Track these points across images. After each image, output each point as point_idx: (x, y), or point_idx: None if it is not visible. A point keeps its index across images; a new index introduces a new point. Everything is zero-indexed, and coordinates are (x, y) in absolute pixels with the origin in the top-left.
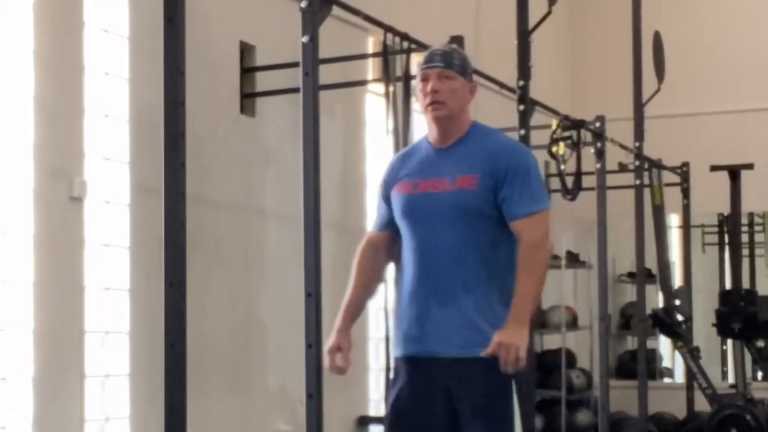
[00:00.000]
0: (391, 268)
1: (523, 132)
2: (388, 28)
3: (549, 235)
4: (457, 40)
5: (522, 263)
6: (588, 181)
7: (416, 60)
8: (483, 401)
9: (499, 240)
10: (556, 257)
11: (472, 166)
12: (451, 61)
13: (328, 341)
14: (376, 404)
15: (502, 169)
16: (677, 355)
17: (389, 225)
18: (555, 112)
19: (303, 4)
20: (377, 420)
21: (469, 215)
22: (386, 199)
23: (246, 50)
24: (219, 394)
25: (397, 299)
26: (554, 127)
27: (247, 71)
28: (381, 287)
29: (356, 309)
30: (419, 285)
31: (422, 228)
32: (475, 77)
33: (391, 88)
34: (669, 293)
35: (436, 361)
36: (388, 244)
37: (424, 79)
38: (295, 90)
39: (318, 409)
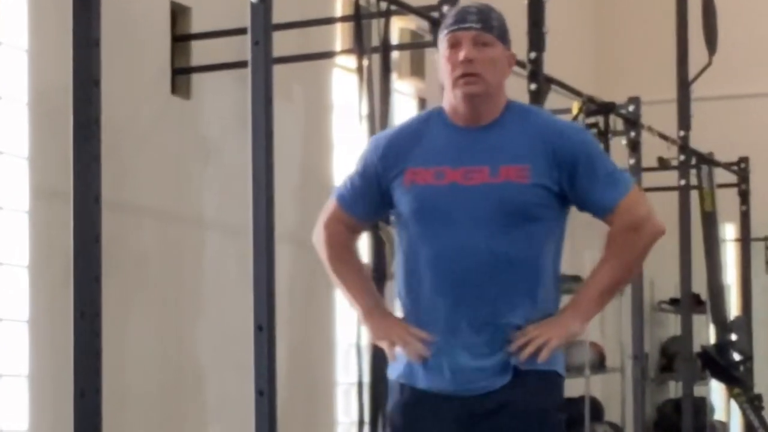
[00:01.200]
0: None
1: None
2: None
3: (654, 214)
4: (451, 0)
5: (610, 245)
6: None
7: (398, 25)
8: None
9: (548, 251)
10: (576, 278)
11: (520, 154)
12: (490, 22)
13: (380, 326)
14: None
15: (567, 159)
16: (733, 404)
17: (367, 216)
18: (576, 93)
19: None
20: None
21: (515, 216)
22: (378, 182)
23: (178, 13)
24: None
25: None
26: (575, 111)
27: (180, 40)
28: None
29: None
30: (443, 304)
31: (448, 230)
32: None
33: (365, 62)
34: (723, 325)
35: (474, 399)
36: (359, 234)
37: (454, 45)
38: (242, 64)
39: None
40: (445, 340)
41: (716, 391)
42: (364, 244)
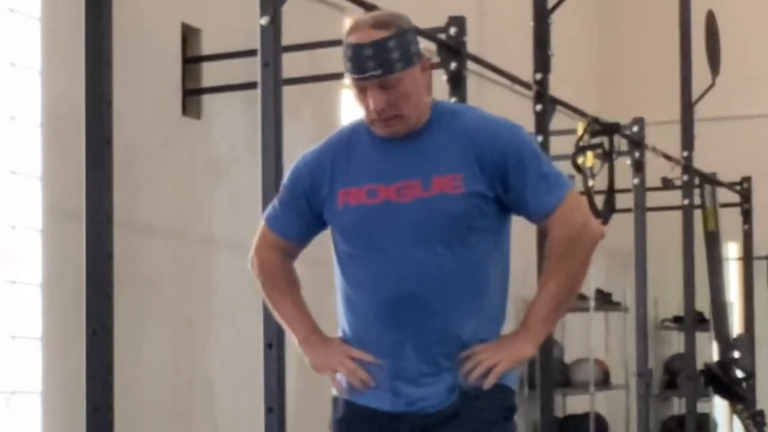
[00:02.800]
0: None
1: (541, 138)
2: (369, 7)
3: (592, 218)
4: (457, 21)
5: (551, 256)
6: (623, 200)
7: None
8: None
9: (493, 260)
10: (583, 297)
11: (452, 163)
12: (390, 61)
13: (324, 351)
14: None
15: (499, 160)
16: (736, 420)
17: (300, 237)
18: (581, 114)
19: None
20: None
21: (453, 229)
22: (308, 201)
23: (189, 35)
24: None
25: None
26: (580, 132)
27: (191, 61)
28: None
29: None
30: (385, 330)
31: (384, 253)
32: (481, 69)
33: None
34: (726, 343)
35: (418, 417)
36: (293, 257)
37: (361, 90)
38: (252, 85)
39: None
40: (389, 363)
41: (719, 408)
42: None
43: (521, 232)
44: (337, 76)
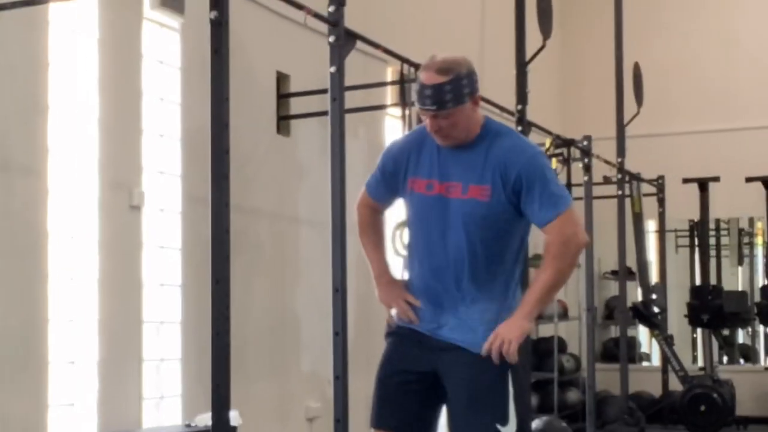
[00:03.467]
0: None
1: None
2: (404, 60)
3: (580, 229)
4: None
5: (546, 255)
6: (577, 191)
7: None
8: (476, 393)
9: (508, 248)
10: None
11: (483, 176)
12: (443, 101)
13: (385, 289)
14: None
15: (516, 178)
16: (654, 342)
17: (386, 201)
18: (548, 132)
19: (331, 39)
20: None
21: (477, 225)
22: (392, 178)
23: (282, 79)
24: (259, 376)
25: (409, 282)
26: (547, 145)
27: (283, 97)
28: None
29: (385, 262)
30: (428, 284)
31: (433, 230)
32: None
33: (406, 112)
34: (647, 288)
35: (434, 340)
36: (383, 212)
37: (423, 112)
38: (324, 113)
39: (344, 388)
40: (431, 308)
41: (642, 333)
42: None
43: None
44: (382, 107)
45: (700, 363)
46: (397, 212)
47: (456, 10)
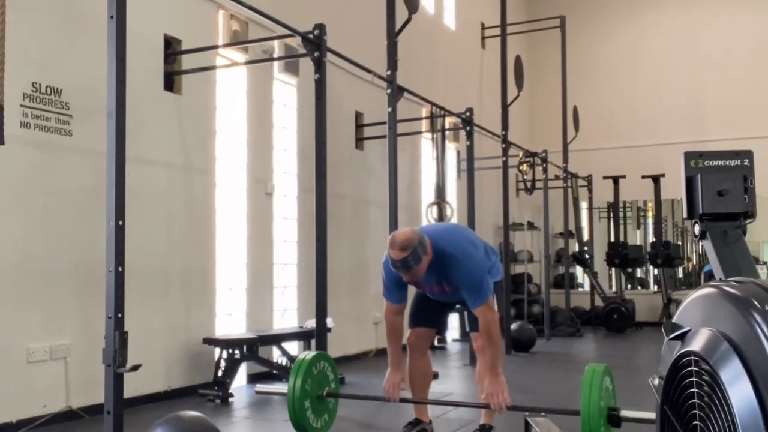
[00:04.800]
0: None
1: (504, 158)
2: (432, 104)
3: (493, 310)
4: (470, 110)
5: (481, 331)
6: (539, 184)
7: (449, 121)
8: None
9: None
10: (521, 224)
11: (446, 280)
12: (408, 265)
13: (391, 377)
14: None
15: (455, 282)
16: (585, 276)
17: (402, 299)
18: (521, 148)
19: (388, 91)
20: None
21: (451, 295)
22: (396, 284)
23: (358, 115)
24: (344, 297)
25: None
26: (521, 156)
27: (359, 126)
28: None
29: (401, 358)
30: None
31: (436, 295)
32: (478, 130)
33: (434, 136)
34: (581, 243)
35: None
36: (402, 312)
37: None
38: (383, 137)
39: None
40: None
41: (579, 271)
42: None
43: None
44: (419, 133)
45: (614, 289)
46: (429, 196)
47: (465, 72)
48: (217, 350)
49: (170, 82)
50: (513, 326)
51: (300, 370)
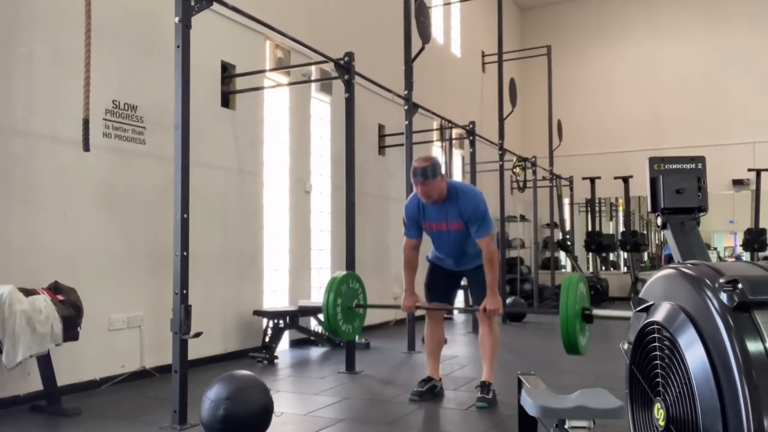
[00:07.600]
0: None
1: (500, 163)
2: (442, 118)
3: (493, 245)
4: (472, 123)
5: (484, 259)
6: (529, 184)
7: (455, 131)
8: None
9: (471, 240)
10: (515, 217)
11: (455, 216)
12: (426, 174)
13: (407, 300)
14: None
15: (464, 213)
16: (567, 259)
17: (419, 236)
18: (515, 154)
19: (405, 107)
20: None
21: (460, 235)
22: (415, 222)
23: (381, 126)
24: (369, 275)
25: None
26: (515, 161)
27: (381, 136)
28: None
29: (413, 284)
30: (447, 255)
31: (443, 240)
32: (479, 139)
33: (443, 144)
34: (564, 233)
35: (458, 270)
36: (418, 247)
37: (416, 183)
38: (401, 145)
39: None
40: (451, 262)
41: (562, 255)
42: None
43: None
44: (431, 142)
45: (591, 269)
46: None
47: (468, 92)
48: (265, 320)
49: (226, 100)
50: (508, 301)
51: (333, 287)
